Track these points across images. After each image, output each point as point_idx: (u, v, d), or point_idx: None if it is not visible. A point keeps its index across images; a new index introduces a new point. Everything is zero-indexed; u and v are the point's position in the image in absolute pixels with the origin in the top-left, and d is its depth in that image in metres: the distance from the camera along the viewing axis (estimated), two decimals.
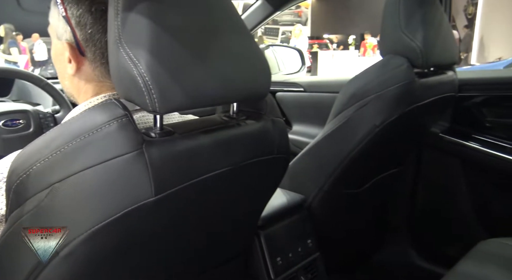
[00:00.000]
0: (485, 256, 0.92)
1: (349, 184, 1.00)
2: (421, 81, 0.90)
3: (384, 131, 0.88)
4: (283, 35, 10.91)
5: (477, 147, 1.18)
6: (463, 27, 9.97)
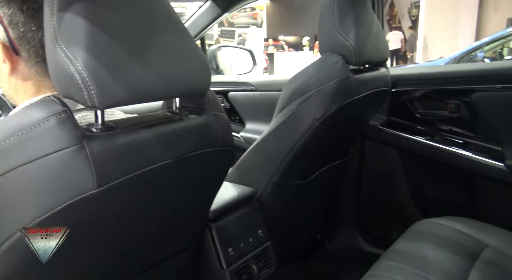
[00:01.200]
0: (419, 235, 1.01)
1: (296, 175, 1.06)
2: (356, 77, 0.98)
3: (324, 124, 0.95)
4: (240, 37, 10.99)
5: (410, 137, 1.29)
6: (408, 28, 10.58)
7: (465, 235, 0.98)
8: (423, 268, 0.85)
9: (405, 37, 10.30)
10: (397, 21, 11.54)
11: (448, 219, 1.06)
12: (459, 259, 0.88)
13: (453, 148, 1.21)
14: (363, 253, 1.42)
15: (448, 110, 1.22)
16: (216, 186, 0.74)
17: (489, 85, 1.11)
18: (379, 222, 1.46)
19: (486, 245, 0.94)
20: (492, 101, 1.12)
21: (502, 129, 1.12)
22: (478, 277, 0.84)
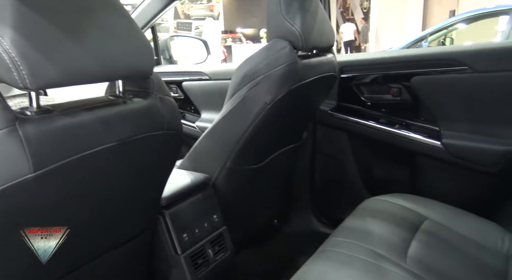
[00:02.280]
0: (366, 212, 1.07)
1: (250, 160, 1.08)
2: (304, 62, 1.01)
3: (275, 108, 0.97)
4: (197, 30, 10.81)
5: (358, 120, 1.35)
6: (361, 20, 10.94)
7: (407, 209, 1.05)
8: (370, 241, 0.90)
9: (358, 28, 10.65)
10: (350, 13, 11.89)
11: (393, 196, 1.12)
12: (402, 232, 0.95)
13: (396, 130, 1.28)
14: (318, 233, 1.48)
15: (391, 94, 1.29)
16: (165, 171, 0.74)
17: (426, 69, 1.18)
18: (332, 203, 1.53)
19: (426, 218, 1.02)
20: (429, 84, 1.20)
21: (439, 110, 1.21)
22: (418, 246, 0.90)
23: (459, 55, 1.12)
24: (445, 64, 1.14)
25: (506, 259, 0.91)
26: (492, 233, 0.98)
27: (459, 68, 1.12)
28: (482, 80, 1.09)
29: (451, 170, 1.19)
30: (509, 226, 1.02)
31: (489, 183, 1.14)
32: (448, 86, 1.16)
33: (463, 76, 1.12)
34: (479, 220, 1.03)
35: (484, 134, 1.12)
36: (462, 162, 1.15)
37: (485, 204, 1.16)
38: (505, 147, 1.07)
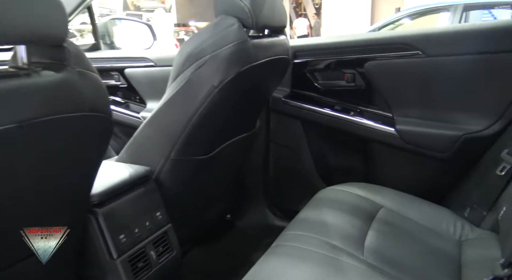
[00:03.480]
0: (322, 203, 1.02)
1: (197, 150, 0.98)
2: (254, 42, 0.93)
3: (223, 92, 0.88)
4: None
5: (312, 108, 1.30)
6: (313, 15, 11.12)
7: (362, 198, 1.01)
8: (325, 233, 0.85)
9: (311, 24, 10.81)
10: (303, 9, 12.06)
11: (348, 185, 1.09)
12: (358, 222, 0.91)
13: (351, 117, 1.25)
14: (274, 227, 1.42)
15: (345, 80, 1.25)
16: (90, 163, 0.62)
17: (379, 54, 1.15)
18: (287, 195, 1.47)
19: (381, 206, 0.99)
20: (382, 69, 1.17)
21: (392, 96, 1.18)
22: (374, 235, 0.87)
23: (411, 39, 1.10)
24: (397, 49, 1.12)
25: (459, 245, 0.91)
26: (445, 219, 0.98)
27: (411, 52, 1.10)
28: (434, 65, 1.08)
29: (405, 156, 1.17)
30: (460, 211, 1.02)
31: (442, 168, 1.14)
32: (401, 71, 1.14)
33: (415, 60, 1.10)
34: (432, 207, 1.03)
35: (437, 120, 1.11)
36: (416, 148, 1.14)
37: (438, 190, 1.16)
38: (456, 132, 1.07)
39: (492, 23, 1.01)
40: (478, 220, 0.97)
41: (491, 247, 0.85)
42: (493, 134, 1.03)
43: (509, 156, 0.92)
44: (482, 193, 0.99)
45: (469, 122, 1.06)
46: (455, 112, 1.09)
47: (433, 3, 4.51)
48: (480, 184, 1.01)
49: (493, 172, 0.95)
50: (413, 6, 4.71)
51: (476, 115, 1.05)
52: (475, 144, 1.06)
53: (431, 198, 1.07)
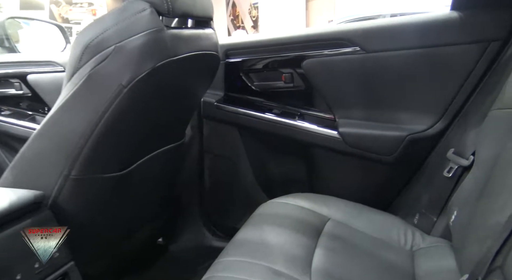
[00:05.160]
0: (263, 219, 0.89)
1: (108, 165, 0.80)
2: (172, 32, 0.78)
3: (135, 92, 0.72)
4: None
5: (249, 112, 1.17)
6: (251, 27, 11.24)
7: (308, 211, 0.90)
8: (267, 257, 0.72)
9: None
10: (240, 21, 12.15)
11: (292, 196, 0.97)
12: (304, 239, 0.79)
13: (291, 120, 1.14)
14: (212, 249, 1.26)
15: (283, 81, 1.14)
16: None
17: (317, 51, 1.06)
18: (226, 211, 1.32)
19: (328, 218, 0.89)
20: (321, 67, 1.08)
21: (332, 96, 1.10)
22: (322, 253, 0.76)
23: (349, 34, 1.02)
24: (336, 45, 1.03)
25: (411, 256, 0.83)
26: (395, 228, 0.90)
27: (350, 49, 1.02)
28: (374, 61, 1.01)
29: (351, 161, 1.08)
30: (409, 217, 0.95)
31: (388, 172, 1.06)
32: (340, 69, 1.05)
33: (355, 57, 1.02)
34: (381, 215, 0.95)
35: (380, 121, 1.04)
36: (360, 151, 1.05)
37: (386, 195, 1.09)
38: (401, 132, 1.00)
39: (430, 16, 0.97)
40: (428, 227, 0.90)
41: (444, 256, 0.79)
42: (437, 133, 0.98)
43: (455, 156, 0.86)
44: (430, 197, 0.93)
45: (413, 121, 1.00)
46: (399, 112, 1.02)
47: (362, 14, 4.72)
48: (428, 187, 0.95)
49: (440, 174, 0.89)
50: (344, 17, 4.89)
51: (419, 114, 1.00)
52: (420, 145, 1.00)
53: (380, 204, 0.99)
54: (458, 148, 0.87)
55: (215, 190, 1.30)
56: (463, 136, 0.88)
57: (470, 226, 0.68)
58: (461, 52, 0.93)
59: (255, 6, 10.74)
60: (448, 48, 0.94)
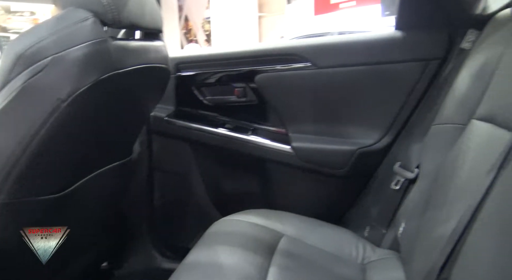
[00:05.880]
0: (215, 238, 0.85)
1: (43, 187, 0.72)
2: (118, 44, 0.74)
3: (74, 107, 0.66)
4: None
5: (202, 127, 1.15)
6: (204, 41, 11.24)
7: (262, 228, 0.88)
8: (219, 278, 0.69)
9: None
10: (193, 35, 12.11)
11: (245, 213, 0.95)
12: (257, 258, 0.77)
13: (245, 135, 1.13)
14: (161, 271, 1.19)
15: (236, 95, 1.13)
16: None
17: (270, 66, 1.07)
18: (177, 230, 1.26)
19: (282, 235, 0.87)
20: (274, 82, 1.08)
21: (285, 111, 1.10)
22: (276, 272, 0.74)
23: (301, 50, 1.04)
24: (288, 60, 1.05)
25: (363, 269, 0.84)
26: (347, 241, 0.91)
27: (302, 64, 1.03)
28: (325, 77, 1.03)
29: (304, 176, 1.09)
30: (360, 230, 0.97)
31: (340, 186, 1.08)
32: (292, 84, 1.06)
33: (306, 72, 1.03)
34: (333, 229, 0.96)
35: (332, 135, 1.06)
36: (313, 166, 1.06)
37: (338, 209, 1.10)
38: (351, 146, 1.03)
39: (376, 35, 1.01)
40: (378, 239, 0.92)
41: (393, 268, 0.80)
42: (384, 147, 1.01)
43: (402, 169, 0.90)
44: (379, 210, 0.95)
45: (362, 136, 1.03)
46: (349, 126, 1.05)
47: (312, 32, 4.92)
48: (377, 200, 0.97)
49: (388, 186, 0.91)
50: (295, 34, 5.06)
51: (368, 129, 1.03)
52: (369, 158, 1.03)
53: (333, 218, 1.00)
54: (404, 161, 0.90)
55: (165, 208, 1.24)
56: (408, 150, 0.91)
57: (416, 238, 0.70)
58: (404, 69, 0.98)
59: (208, 21, 10.80)
60: (393, 66, 0.98)
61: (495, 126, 0.61)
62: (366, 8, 6.24)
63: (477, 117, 0.69)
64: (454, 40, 0.92)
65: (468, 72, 0.78)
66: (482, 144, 0.63)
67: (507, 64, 0.66)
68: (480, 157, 0.61)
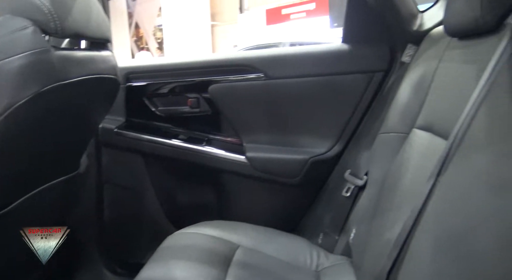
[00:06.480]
0: (170, 252, 0.83)
1: None
2: (62, 54, 0.70)
3: (14, 121, 0.62)
4: None
5: (154, 139, 1.12)
6: (156, 49, 11.01)
7: (217, 240, 0.87)
8: None
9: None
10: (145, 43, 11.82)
11: (200, 225, 0.93)
12: (213, 270, 0.76)
13: (198, 146, 1.11)
14: None
15: (189, 106, 1.11)
16: None
17: (223, 76, 1.07)
18: (130, 246, 1.21)
19: (238, 246, 0.87)
20: (227, 92, 1.08)
21: (239, 121, 1.11)
22: None
23: (253, 61, 1.05)
24: (241, 71, 1.06)
25: (317, 276, 0.86)
26: (301, 249, 0.93)
27: (254, 75, 1.05)
28: (276, 87, 1.05)
29: (259, 186, 1.10)
30: (314, 238, 0.99)
31: (294, 195, 1.10)
32: (245, 94, 1.07)
33: (258, 83, 1.05)
34: (288, 238, 0.97)
35: (285, 145, 1.08)
36: (267, 175, 1.07)
37: (293, 217, 1.12)
38: (304, 155, 1.05)
39: (324, 47, 1.05)
40: (332, 245, 0.95)
41: (345, 274, 0.82)
42: (335, 155, 1.05)
43: (352, 176, 0.93)
44: (332, 217, 0.98)
45: (314, 145, 1.06)
46: (301, 136, 1.07)
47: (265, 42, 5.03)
48: (329, 207, 1.00)
49: (340, 194, 0.94)
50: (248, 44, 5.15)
51: (319, 138, 1.06)
52: (322, 167, 1.06)
53: (288, 226, 1.02)
54: (354, 169, 0.94)
55: (116, 223, 1.19)
56: (357, 158, 0.95)
57: (366, 243, 0.73)
58: (351, 81, 1.03)
59: (160, 28, 10.61)
60: (341, 77, 1.03)
61: (433, 135, 0.66)
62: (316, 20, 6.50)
63: (418, 127, 0.74)
64: (395, 54, 0.98)
65: (408, 84, 0.83)
66: (422, 152, 0.68)
67: (441, 78, 0.72)
68: (421, 164, 0.65)
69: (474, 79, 0.55)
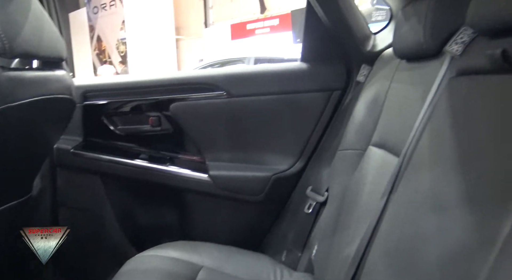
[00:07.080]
0: (130, 276, 0.80)
1: None
2: (11, 75, 0.67)
3: None
4: None
5: (113, 159, 1.08)
6: (119, 63, 10.77)
7: (179, 262, 0.85)
8: None
9: (117, 71, 10.39)
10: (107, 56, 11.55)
11: (162, 247, 0.91)
12: None
13: (160, 166, 1.09)
14: None
15: (150, 124, 1.09)
16: None
17: (185, 94, 1.06)
18: (88, 271, 1.15)
19: (200, 267, 0.85)
20: (189, 111, 1.08)
21: (201, 139, 1.10)
22: None
23: (215, 79, 1.06)
24: (202, 89, 1.06)
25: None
26: (265, 268, 0.92)
27: (216, 93, 1.05)
28: (238, 105, 1.06)
29: (222, 204, 1.09)
30: (278, 255, 0.99)
31: (258, 212, 1.10)
32: (207, 112, 1.07)
33: (220, 101, 1.05)
34: (251, 256, 0.96)
35: (248, 162, 1.08)
36: (230, 193, 1.07)
37: (256, 236, 1.11)
38: (266, 173, 1.06)
39: (284, 66, 1.08)
40: (295, 262, 0.95)
41: None
42: (297, 172, 1.06)
43: (313, 193, 0.95)
44: (295, 234, 0.98)
45: (277, 162, 1.07)
46: (263, 153, 1.08)
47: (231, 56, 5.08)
48: (292, 224, 1.01)
49: (302, 211, 0.95)
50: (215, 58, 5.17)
51: (281, 155, 1.07)
52: (284, 183, 1.07)
53: (252, 244, 1.01)
54: (315, 185, 0.96)
55: (73, 248, 1.12)
56: (318, 174, 0.97)
57: (328, 259, 0.74)
58: (311, 99, 1.05)
59: (123, 42, 10.41)
60: (300, 95, 1.05)
61: (386, 152, 0.69)
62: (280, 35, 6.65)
63: (373, 144, 0.77)
64: (351, 73, 1.03)
65: (363, 103, 0.87)
66: (377, 169, 0.70)
67: (392, 97, 0.75)
68: (376, 181, 0.67)
69: (420, 100, 0.58)
